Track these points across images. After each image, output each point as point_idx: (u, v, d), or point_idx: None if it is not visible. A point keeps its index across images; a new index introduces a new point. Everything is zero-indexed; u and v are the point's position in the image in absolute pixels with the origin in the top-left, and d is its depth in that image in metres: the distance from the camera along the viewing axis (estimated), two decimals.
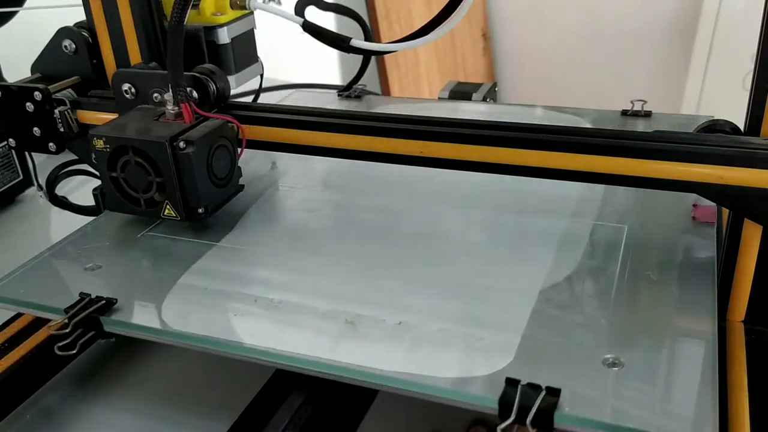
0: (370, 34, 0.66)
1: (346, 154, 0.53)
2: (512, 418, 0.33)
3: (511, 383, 0.35)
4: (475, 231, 0.53)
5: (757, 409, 0.40)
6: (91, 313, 0.43)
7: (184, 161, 0.48)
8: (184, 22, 0.49)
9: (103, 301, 0.44)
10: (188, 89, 0.52)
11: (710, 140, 0.44)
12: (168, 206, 0.50)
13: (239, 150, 0.53)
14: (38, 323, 0.51)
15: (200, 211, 0.50)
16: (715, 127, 0.47)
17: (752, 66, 0.43)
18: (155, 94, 0.55)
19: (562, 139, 0.46)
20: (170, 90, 0.51)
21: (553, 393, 0.34)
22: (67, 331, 0.42)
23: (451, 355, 0.38)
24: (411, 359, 0.38)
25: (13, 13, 0.87)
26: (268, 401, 0.44)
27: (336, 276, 0.47)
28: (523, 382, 0.35)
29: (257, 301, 0.44)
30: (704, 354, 0.38)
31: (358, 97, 0.74)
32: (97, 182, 0.65)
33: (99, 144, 0.50)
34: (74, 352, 0.41)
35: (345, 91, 0.75)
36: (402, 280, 0.46)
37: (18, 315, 0.53)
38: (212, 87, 0.54)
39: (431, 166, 0.51)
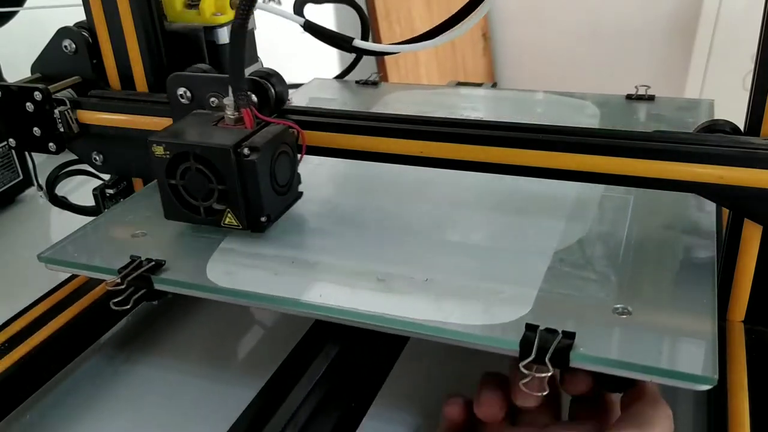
0: (367, 26, 0.65)
1: (346, 154, 0.53)
2: (532, 356, 0.36)
3: (531, 328, 0.38)
4: (488, 212, 0.56)
5: (757, 409, 0.40)
6: (143, 273, 0.46)
7: (248, 168, 0.47)
8: (248, 24, 0.47)
9: (153, 263, 0.46)
10: (249, 93, 0.50)
11: (710, 140, 0.44)
12: (229, 215, 0.49)
13: (299, 156, 0.52)
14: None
15: (263, 219, 0.49)
16: (715, 127, 0.47)
17: (752, 66, 0.43)
18: (212, 99, 0.53)
19: (562, 139, 0.46)
20: (230, 94, 0.49)
21: (569, 336, 0.37)
22: (123, 287, 0.45)
23: (475, 306, 0.42)
24: (438, 310, 0.41)
25: (14, 13, 0.87)
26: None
27: (367, 240, 0.51)
28: (542, 327, 0.38)
29: (294, 262, 0.47)
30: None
31: (374, 83, 0.76)
32: (97, 182, 0.65)
33: (158, 151, 0.48)
34: (128, 306, 0.44)
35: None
36: (425, 246, 0.50)
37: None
38: (272, 91, 0.53)
39: (431, 166, 0.51)
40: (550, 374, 0.36)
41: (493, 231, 0.52)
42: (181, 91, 0.54)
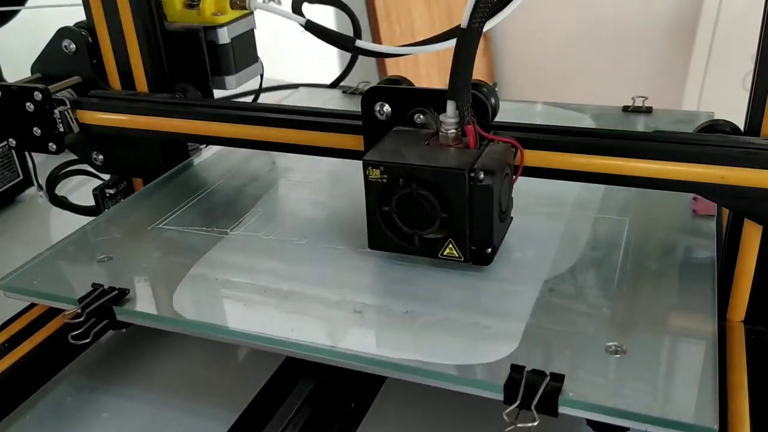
0: (359, 28, 0.65)
1: (346, 154, 0.53)
2: (517, 402, 0.34)
3: (517, 369, 0.36)
4: None
5: (757, 409, 0.40)
6: (105, 303, 0.43)
7: (482, 194, 0.42)
8: (483, 28, 0.41)
9: (116, 291, 0.44)
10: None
11: (710, 140, 0.44)
12: (451, 245, 0.44)
13: (515, 177, 0.46)
14: (47, 316, 0.52)
15: (489, 251, 0.44)
16: (715, 127, 0.47)
17: (752, 66, 0.43)
18: (418, 115, 0.48)
19: (562, 139, 0.46)
20: (451, 109, 0.44)
21: (557, 379, 0.35)
22: (81, 320, 0.42)
23: (457, 343, 0.39)
24: (418, 347, 0.39)
25: (15, 13, 0.87)
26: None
27: (344, 265, 0.48)
28: (528, 368, 0.35)
29: (266, 291, 0.45)
30: (704, 347, 0.38)
31: (362, 93, 0.72)
32: (97, 182, 0.65)
33: (374, 174, 0.43)
34: (88, 340, 0.42)
35: (334, 87, 0.74)
36: (408, 269, 0.47)
37: (24, 310, 0.53)
38: (490, 103, 0.46)
39: None
40: (536, 423, 0.33)
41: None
42: (378, 106, 0.48)
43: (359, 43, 0.56)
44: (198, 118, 0.56)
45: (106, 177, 0.65)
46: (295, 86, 0.83)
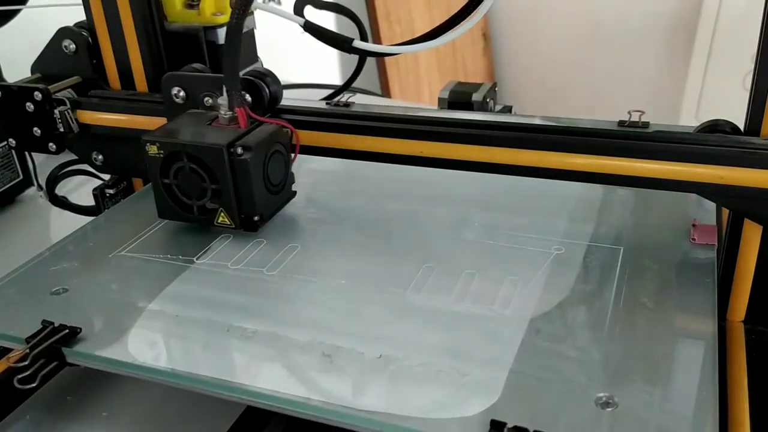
0: (365, 33, 0.65)
1: (346, 154, 0.53)
2: None
3: (497, 426, 0.33)
4: (468, 250, 0.50)
5: (757, 409, 0.40)
6: (53, 343, 0.40)
7: (240, 167, 0.47)
8: (243, 24, 0.47)
9: (67, 330, 0.41)
10: (242, 93, 0.51)
11: (710, 140, 0.44)
12: (222, 213, 0.49)
13: (293, 155, 0.52)
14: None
15: (256, 218, 0.49)
16: (715, 127, 0.47)
17: (752, 66, 0.43)
18: (206, 98, 0.54)
19: (561, 140, 0.47)
20: (224, 93, 0.49)
21: None
22: (26, 363, 0.39)
23: (433, 393, 0.36)
24: (389, 399, 0.36)
25: (15, 13, 0.87)
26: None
27: (315, 301, 0.45)
28: (510, 425, 0.32)
29: (230, 330, 0.42)
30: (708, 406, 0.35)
31: (346, 105, 0.62)
32: (97, 182, 0.65)
33: (152, 150, 0.49)
34: (35, 385, 0.39)
35: (338, 94, 0.73)
36: (385, 306, 0.43)
37: None
38: (266, 90, 0.53)
39: (431, 166, 0.51)
40: None
41: (460, 290, 0.45)
42: (175, 90, 0.54)
43: (356, 43, 0.56)
44: None
45: (106, 177, 0.65)
46: (295, 86, 0.83)
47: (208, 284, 0.47)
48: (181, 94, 0.54)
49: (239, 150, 0.47)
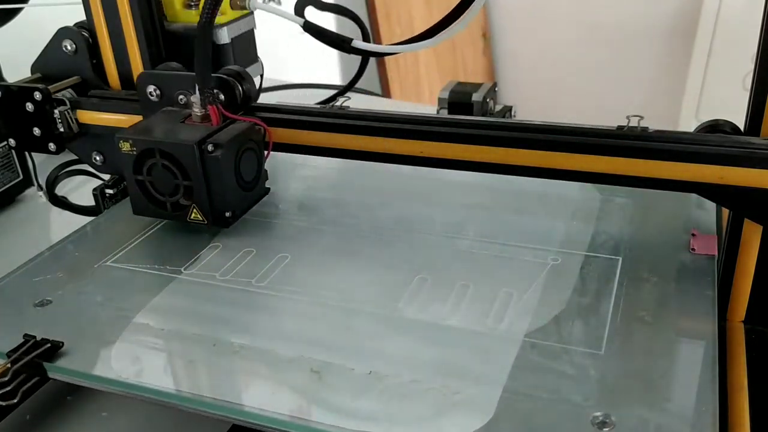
0: (368, 35, 0.65)
1: (346, 154, 0.53)
2: None
3: None
4: (463, 260, 0.49)
5: (757, 409, 0.40)
6: (35, 358, 0.39)
7: (212, 164, 0.48)
8: (214, 23, 0.48)
9: (49, 345, 0.40)
10: (215, 91, 0.51)
11: (710, 140, 0.44)
12: (195, 210, 0.50)
13: (266, 153, 0.53)
14: None
15: (228, 215, 0.50)
16: (715, 127, 0.47)
17: (752, 66, 0.43)
18: (181, 96, 0.54)
19: (562, 139, 0.46)
20: (197, 92, 0.50)
21: None
22: (7, 378, 0.38)
23: (423, 411, 0.35)
24: (377, 418, 0.35)
25: (16, 13, 0.87)
26: None
27: (305, 314, 0.44)
28: None
29: (216, 345, 0.41)
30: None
31: (341, 109, 0.60)
32: (97, 182, 0.65)
33: (125, 146, 0.49)
34: (15, 401, 0.38)
35: (340, 95, 0.73)
36: (377, 319, 0.43)
37: None
38: (239, 89, 0.53)
39: (431, 166, 0.51)
40: None
41: (454, 302, 0.44)
42: (150, 88, 0.55)
43: (356, 43, 0.56)
44: None
45: (106, 177, 0.65)
46: (295, 86, 0.83)
47: (196, 296, 0.46)
48: (156, 92, 0.55)
49: (210, 147, 0.48)
